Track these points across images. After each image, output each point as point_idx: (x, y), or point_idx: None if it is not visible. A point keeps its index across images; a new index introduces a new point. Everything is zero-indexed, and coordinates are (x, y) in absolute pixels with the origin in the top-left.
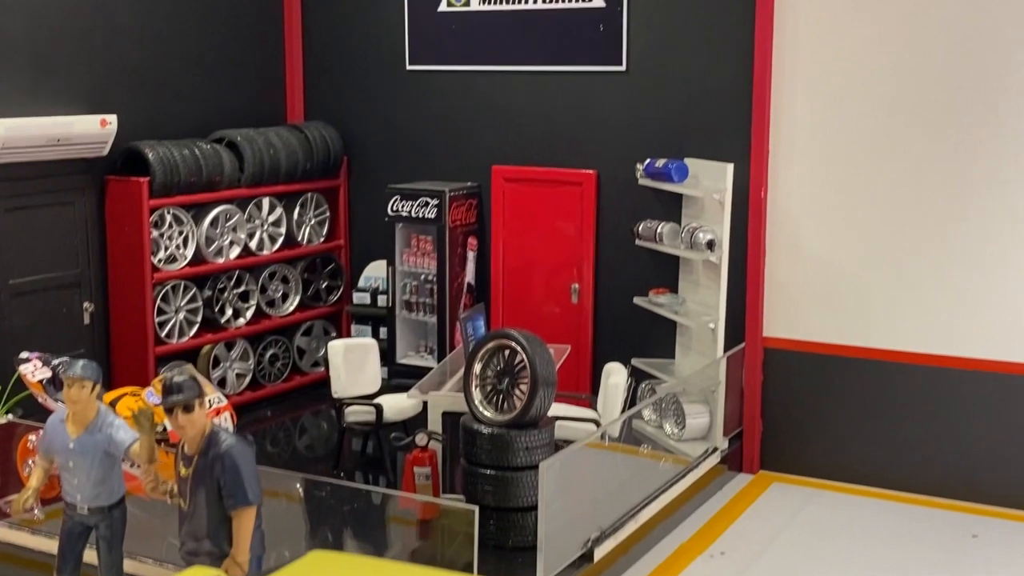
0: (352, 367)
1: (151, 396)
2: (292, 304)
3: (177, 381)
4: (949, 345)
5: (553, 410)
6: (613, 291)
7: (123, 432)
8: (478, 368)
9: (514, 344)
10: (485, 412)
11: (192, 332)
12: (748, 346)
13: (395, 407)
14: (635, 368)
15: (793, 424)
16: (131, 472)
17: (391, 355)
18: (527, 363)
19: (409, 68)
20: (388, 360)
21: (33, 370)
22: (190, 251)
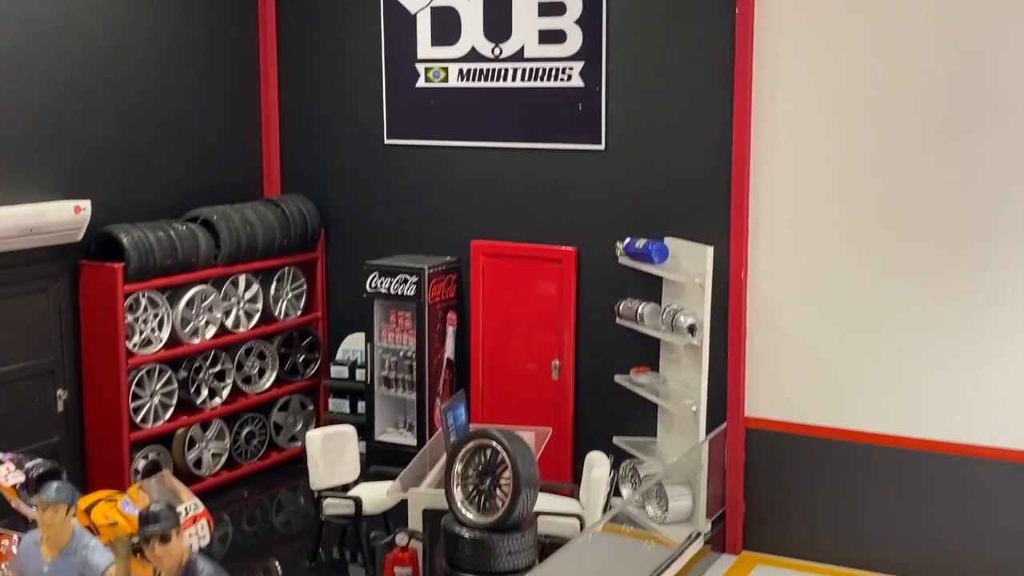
0: (330, 457)
1: (127, 505)
2: (269, 380)
3: (154, 511)
4: (930, 428)
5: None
6: (594, 368)
7: (99, 555)
8: (459, 468)
9: (495, 444)
10: (467, 513)
11: (167, 415)
12: (730, 426)
13: (374, 500)
14: (616, 448)
15: (776, 505)
16: None
17: (369, 431)
18: (509, 464)
19: (388, 142)
20: (366, 435)
21: (6, 474)
22: (165, 333)
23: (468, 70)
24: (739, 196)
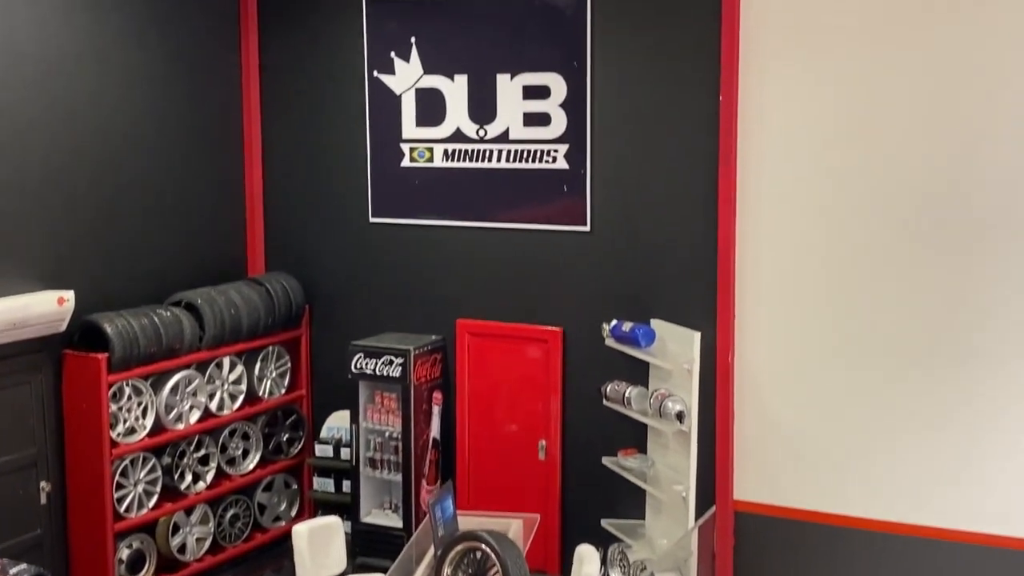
0: (317, 550)
1: None
2: (253, 461)
3: None
4: (923, 514)
5: None
6: (581, 449)
7: None
8: (448, 571)
9: (484, 547)
10: None
11: (151, 503)
12: (719, 510)
13: None
14: (604, 531)
15: None
16: None
17: (355, 514)
18: (499, 567)
19: (372, 220)
20: (352, 517)
21: None
22: (150, 421)
23: (453, 150)
24: (725, 279)
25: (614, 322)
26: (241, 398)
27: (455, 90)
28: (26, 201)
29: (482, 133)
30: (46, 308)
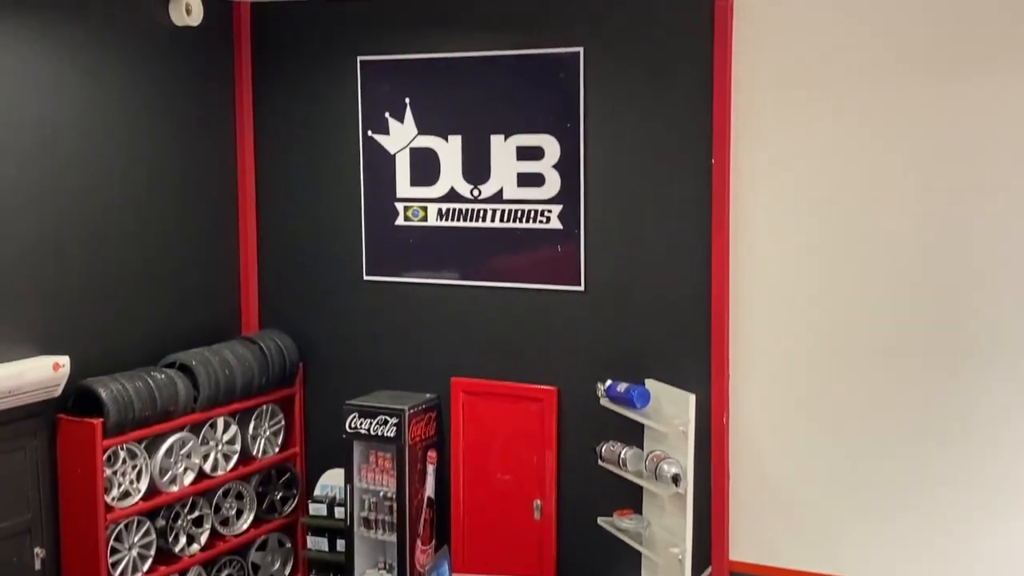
0: None
1: None
2: (247, 521)
3: None
4: None
5: None
6: (576, 508)
7: None
8: None
9: None
10: None
11: (146, 567)
12: (714, 571)
13: None
14: None
15: None
16: None
17: (349, 573)
18: None
19: (366, 278)
20: None
21: None
22: (144, 484)
23: (447, 210)
24: (719, 341)
25: (608, 382)
26: (235, 458)
27: (449, 150)
28: (20, 266)
29: (476, 193)
30: (41, 375)
